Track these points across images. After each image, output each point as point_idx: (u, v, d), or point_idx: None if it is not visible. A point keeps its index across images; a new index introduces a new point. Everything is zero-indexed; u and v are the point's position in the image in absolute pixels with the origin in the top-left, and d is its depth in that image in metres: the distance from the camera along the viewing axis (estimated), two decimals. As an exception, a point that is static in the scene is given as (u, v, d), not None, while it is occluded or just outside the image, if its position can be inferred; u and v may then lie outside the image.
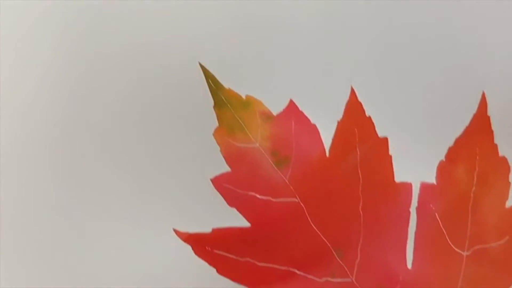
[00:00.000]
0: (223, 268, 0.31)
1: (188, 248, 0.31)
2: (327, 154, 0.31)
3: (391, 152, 0.31)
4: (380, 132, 0.31)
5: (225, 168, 0.31)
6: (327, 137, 0.31)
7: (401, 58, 0.37)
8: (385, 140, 0.31)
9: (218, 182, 0.31)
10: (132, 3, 0.38)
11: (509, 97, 0.37)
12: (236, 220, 0.31)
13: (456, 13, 0.37)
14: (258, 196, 0.31)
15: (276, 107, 0.31)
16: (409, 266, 0.32)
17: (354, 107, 0.31)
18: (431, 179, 0.31)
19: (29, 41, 0.38)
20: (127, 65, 0.38)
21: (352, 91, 0.31)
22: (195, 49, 0.38)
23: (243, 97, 0.31)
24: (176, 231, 0.31)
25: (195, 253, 0.31)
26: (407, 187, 0.31)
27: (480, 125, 0.31)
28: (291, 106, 0.31)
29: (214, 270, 0.31)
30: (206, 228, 0.31)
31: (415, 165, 0.33)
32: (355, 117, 0.31)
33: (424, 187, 0.31)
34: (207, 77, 0.32)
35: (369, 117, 0.31)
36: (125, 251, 0.37)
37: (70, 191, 0.38)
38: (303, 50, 0.37)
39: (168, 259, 0.37)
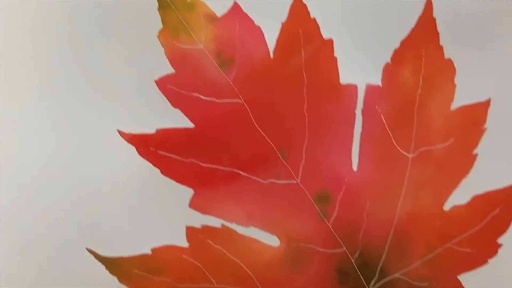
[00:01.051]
0: (167, 169, 0.31)
1: (132, 149, 0.31)
2: (271, 56, 0.31)
3: (336, 54, 0.31)
4: (326, 34, 0.31)
5: (170, 70, 0.31)
6: (271, 39, 0.31)
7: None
8: (330, 42, 0.31)
9: (162, 84, 0.31)
10: None
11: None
12: (180, 121, 0.31)
13: None
14: (202, 97, 0.31)
15: (220, 9, 0.31)
16: (355, 168, 0.32)
17: (298, 8, 0.31)
18: (377, 81, 0.31)
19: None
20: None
21: (297, -7, 0.31)
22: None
23: (187, -2, 0.31)
24: (120, 132, 0.31)
25: (139, 153, 0.31)
26: (352, 88, 0.31)
27: (426, 27, 0.31)
28: (235, 7, 0.31)
29: (158, 171, 0.31)
30: (151, 130, 0.31)
31: (360, 67, 0.33)
32: (299, 18, 0.31)
33: (370, 89, 0.31)
34: (152, -21, 0.31)
35: (314, 19, 0.31)
36: (68, 150, 0.37)
37: (20, 92, 0.38)
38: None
39: (112, 160, 0.37)
